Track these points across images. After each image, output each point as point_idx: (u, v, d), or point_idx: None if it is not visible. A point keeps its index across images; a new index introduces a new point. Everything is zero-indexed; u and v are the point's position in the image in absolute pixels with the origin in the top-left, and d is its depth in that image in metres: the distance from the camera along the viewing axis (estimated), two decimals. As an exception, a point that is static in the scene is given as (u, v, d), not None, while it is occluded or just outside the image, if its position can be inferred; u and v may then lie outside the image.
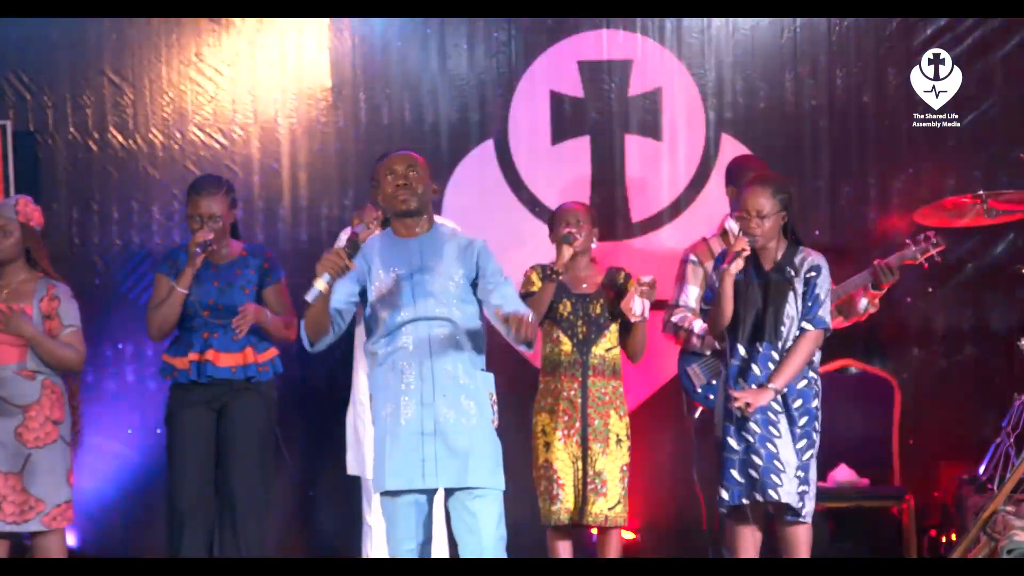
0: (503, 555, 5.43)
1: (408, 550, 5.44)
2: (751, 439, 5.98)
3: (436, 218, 5.67)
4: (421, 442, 5.38)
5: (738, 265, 5.96)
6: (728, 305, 6.01)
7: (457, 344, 5.43)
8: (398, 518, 5.44)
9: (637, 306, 6.30)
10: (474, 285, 5.50)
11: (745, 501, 6.00)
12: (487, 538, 5.39)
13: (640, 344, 6.48)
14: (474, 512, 5.40)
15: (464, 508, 5.41)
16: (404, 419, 5.40)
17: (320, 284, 5.25)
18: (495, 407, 5.50)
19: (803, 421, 6.03)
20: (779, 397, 6.00)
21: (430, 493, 5.48)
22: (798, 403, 6.02)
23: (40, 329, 6.35)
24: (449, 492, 5.46)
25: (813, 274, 6.05)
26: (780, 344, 6.01)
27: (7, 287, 6.41)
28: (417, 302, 5.42)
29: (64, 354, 6.38)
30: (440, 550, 6.59)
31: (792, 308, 6.03)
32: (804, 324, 6.03)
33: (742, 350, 6.04)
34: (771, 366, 6.00)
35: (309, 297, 5.26)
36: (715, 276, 6.12)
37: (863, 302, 6.79)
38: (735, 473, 6.01)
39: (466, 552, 5.41)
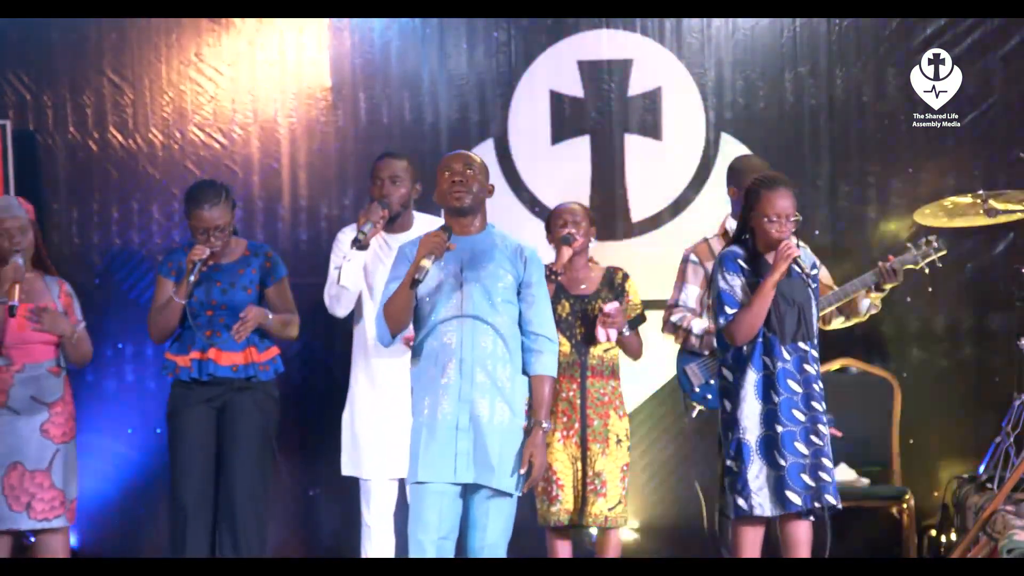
0: (502, 554, 5.48)
1: (431, 541, 5.43)
2: (821, 443, 5.94)
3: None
4: (455, 437, 5.43)
5: (785, 271, 5.91)
6: (765, 312, 5.91)
7: (499, 345, 5.47)
8: (423, 507, 5.45)
9: (601, 335, 6.32)
10: (519, 289, 5.56)
11: (816, 505, 5.94)
12: (492, 536, 5.47)
13: (636, 348, 6.48)
14: (488, 512, 5.47)
15: (479, 505, 5.47)
16: (441, 414, 5.45)
17: (427, 263, 5.38)
18: (528, 413, 5.52)
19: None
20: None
21: (460, 487, 5.49)
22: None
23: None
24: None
25: (816, 271, 6.08)
26: (815, 341, 6.00)
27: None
28: (464, 300, 5.47)
29: (87, 350, 6.55)
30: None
31: (813, 303, 6.03)
32: None
33: (786, 352, 5.94)
34: (816, 364, 5.98)
35: (419, 275, 5.36)
36: (728, 284, 5.97)
37: (865, 303, 6.78)
38: (806, 478, 5.92)
39: (468, 543, 5.49)
